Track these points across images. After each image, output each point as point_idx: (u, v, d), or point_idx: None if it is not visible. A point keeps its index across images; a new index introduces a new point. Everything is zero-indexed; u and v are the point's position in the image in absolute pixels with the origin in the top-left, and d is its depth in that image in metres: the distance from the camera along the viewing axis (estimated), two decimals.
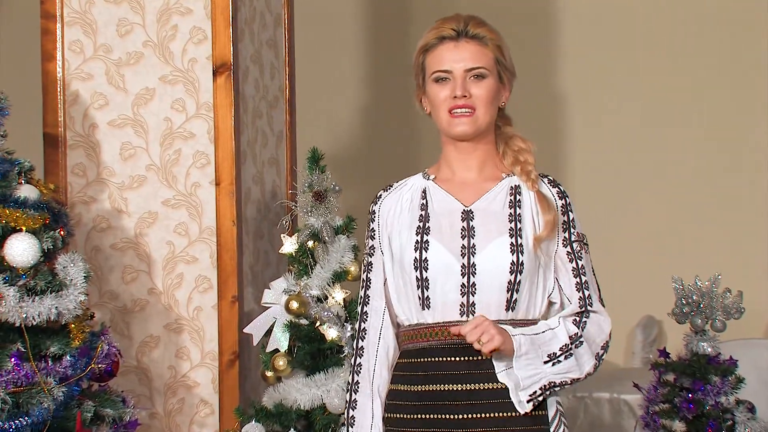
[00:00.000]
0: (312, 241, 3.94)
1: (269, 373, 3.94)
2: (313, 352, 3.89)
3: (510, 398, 2.84)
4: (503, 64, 2.95)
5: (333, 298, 3.90)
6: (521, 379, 2.83)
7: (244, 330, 4.05)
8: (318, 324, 3.88)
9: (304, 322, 3.90)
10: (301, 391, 3.86)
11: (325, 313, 3.84)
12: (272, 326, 3.95)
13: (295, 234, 3.99)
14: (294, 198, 4.01)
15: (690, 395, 4.22)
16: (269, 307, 3.98)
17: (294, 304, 3.86)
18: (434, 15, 3.09)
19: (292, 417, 3.85)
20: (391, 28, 7.22)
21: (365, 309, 3.00)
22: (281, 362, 3.88)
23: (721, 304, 4.30)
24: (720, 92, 6.75)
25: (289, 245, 3.98)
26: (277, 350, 3.93)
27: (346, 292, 3.92)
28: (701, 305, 4.30)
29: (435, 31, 2.95)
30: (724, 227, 6.68)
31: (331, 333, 3.85)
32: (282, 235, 4.01)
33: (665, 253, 6.60)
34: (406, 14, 7.18)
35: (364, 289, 3.02)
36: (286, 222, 4.09)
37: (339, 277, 3.93)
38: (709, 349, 4.29)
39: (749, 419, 4.24)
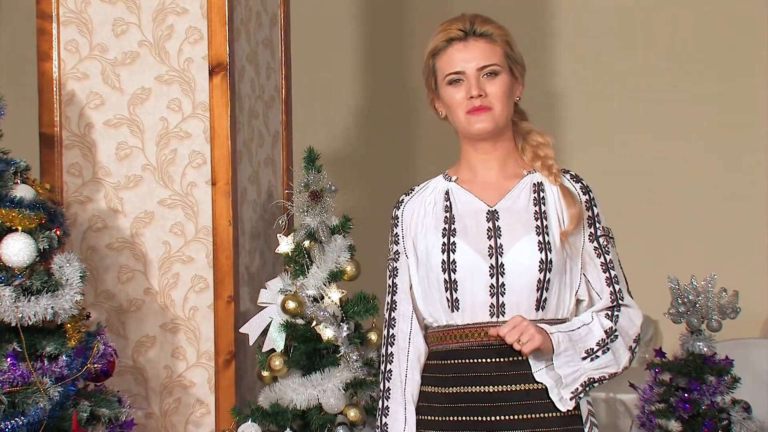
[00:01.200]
0: (308, 241, 3.94)
1: (265, 373, 3.94)
2: (309, 352, 3.89)
3: (544, 399, 2.83)
4: (513, 59, 2.94)
5: (329, 297, 3.90)
6: (564, 377, 2.82)
7: (240, 330, 4.05)
8: (314, 324, 3.88)
9: (300, 321, 3.90)
10: (297, 391, 3.86)
11: (321, 313, 3.84)
12: (268, 326, 3.95)
13: (292, 234, 3.99)
14: (290, 198, 4.01)
15: (686, 395, 4.22)
16: (265, 307, 3.98)
17: (290, 304, 3.86)
18: (431, 15, 3.10)
19: (288, 417, 3.85)
20: (387, 28, 7.22)
21: (393, 315, 2.99)
22: (277, 362, 3.88)
23: (716, 303, 4.31)
24: (719, 92, 6.75)
25: (286, 245, 3.98)
26: (273, 350, 3.93)
27: (342, 292, 3.92)
28: (697, 305, 4.31)
29: (442, 34, 2.93)
30: (720, 227, 6.69)
31: (327, 333, 3.85)
32: (278, 235, 4.01)
33: (661, 253, 6.60)
34: (402, 14, 7.19)
35: (390, 295, 3.00)
36: (283, 222, 4.08)
37: (335, 276, 3.92)
38: (705, 349, 4.30)
39: (745, 419, 4.25)
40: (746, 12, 6.75)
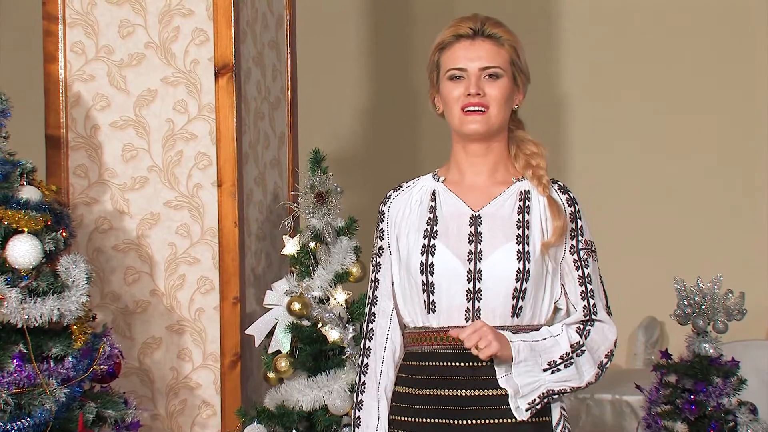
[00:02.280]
0: (314, 243, 3.94)
1: (271, 375, 3.94)
2: (315, 354, 3.89)
3: None
4: (518, 66, 2.93)
5: (335, 299, 3.90)
6: (520, 387, 2.82)
7: (246, 331, 4.05)
8: (320, 325, 3.88)
9: (305, 323, 3.90)
10: (303, 393, 3.86)
11: (327, 315, 3.84)
12: (274, 327, 3.95)
13: (297, 235, 3.99)
14: (296, 199, 4.01)
15: (692, 396, 4.22)
16: (271, 309, 3.98)
17: (296, 306, 3.86)
18: (436, 17, 3.10)
19: (293, 418, 3.85)
20: (393, 30, 7.23)
21: (373, 310, 2.99)
22: (283, 363, 3.88)
23: (723, 305, 4.30)
24: (723, 96, 6.75)
25: (291, 246, 3.98)
26: (278, 351, 3.93)
27: (348, 294, 3.92)
28: (703, 306, 4.30)
29: (451, 29, 2.93)
30: (726, 228, 6.68)
31: (332, 334, 3.85)
32: (284, 237, 4.01)
33: (667, 255, 6.60)
34: (408, 16, 7.19)
35: (372, 290, 3.01)
36: (288, 223, 4.09)
37: (341, 278, 3.92)
38: (711, 351, 4.29)
39: (751, 420, 4.24)
40: (751, 18, 6.75)
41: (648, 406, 4.35)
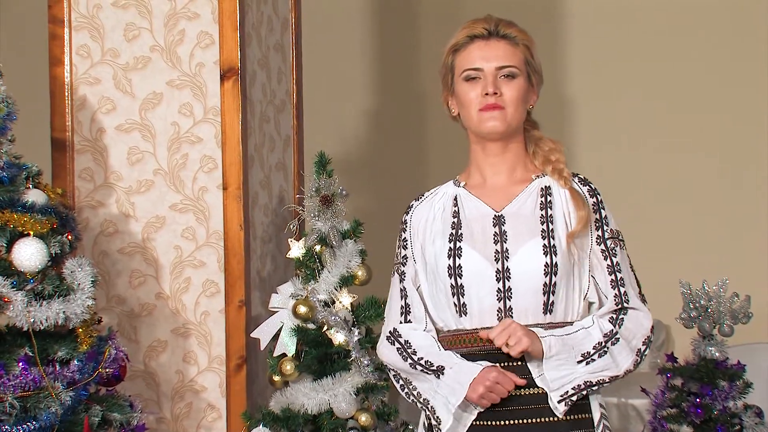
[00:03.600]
0: (319, 246, 3.94)
1: (276, 378, 3.94)
2: (321, 357, 3.89)
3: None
4: (533, 66, 2.94)
5: (340, 302, 3.90)
6: (550, 381, 2.81)
7: (252, 334, 4.05)
8: (325, 328, 3.88)
9: (311, 326, 3.90)
10: (309, 396, 3.85)
11: (333, 318, 3.84)
12: (279, 330, 3.95)
13: (303, 238, 3.99)
14: (301, 202, 4.01)
15: (698, 400, 4.21)
16: (276, 312, 3.98)
17: (301, 309, 3.86)
18: (441, 20, 3.10)
19: (299, 421, 3.85)
20: (398, 33, 7.23)
21: (408, 318, 2.99)
22: (288, 366, 3.88)
23: (728, 308, 4.30)
24: (730, 97, 6.74)
25: (297, 249, 3.98)
26: (284, 354, 3.93)
27: (354, 297, 3.92)
28: (709, 310, 4.30)
29: (465, 31, 2.94)
30: (732, 231, 6.67)
31: (338, 337, 3.85)
32: (289, 240, 4.01)
33: (673, 258, 6.59)
34: (413, 19, 7.19)
35: (403, 299, 3.01)
36: (294, 226, 4.08)
37: (346, 281, 3.92)
38: (717, 354, 4.29)
39: (757, 424, 4.24)
40: (757, 21, 6.74)
41: (654, 409, 4.35)
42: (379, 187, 6.75)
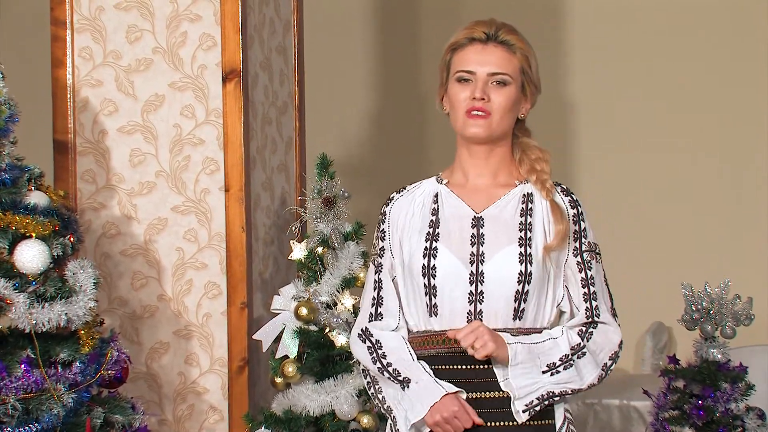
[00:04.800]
0: (321, 248, 3.94)
1: (278, 380, 3.95)
2: (323, 359, 3.89)
3: None
4: (528, 76, 2.94)
5: (342, 304, 3.90)
6: (516, 389, 2.82)
7: (254, 336, 4.05)
8: (327, 330, 3.88)
9: (313, 328, 3.90)
10: (311, 398, 3.86)
11: (335, 320, 3.84)
12: (281, 332, 3.95)
13: (305, 240, 3.99)
14: (303, 204, 4.01)
15: (700, 402, 4.21)
16: (278, 314, 3.98)
17: (303, 311, 3.86)
18: (443, 22, 3.10)
19: (301, 423, 3.85)
20: (400, 35, 7.23)
21: (380, 310, 2.99)
22: (290, 368, 3.88)
23: (730, 310, 4.30)
24: (730, 97, 6.74)
25: (299, 251, 3.98)
26: (286, 356, 3.93)
27: (356, 299, 3.92)
28: (711, 311, 4.29)
29: (466, 31, 2.94)
30: (734, 233, 6.66)
31: (340, 339, 3.85)
32: (291, 242, 4.01)
33: (675, 260, 6.58)
34: (415, 21, 7.19)
35: (376, 291, 3.01)
36: (296, 228, 4.09)
37: (348, 283, 3.93)
38: (719, 356, 4.29)
39: (759, 426, 4.23)
40: (757, 21, 6.73)
41: (656, 411, 4.34)
42: (381, 189, 6.72)
